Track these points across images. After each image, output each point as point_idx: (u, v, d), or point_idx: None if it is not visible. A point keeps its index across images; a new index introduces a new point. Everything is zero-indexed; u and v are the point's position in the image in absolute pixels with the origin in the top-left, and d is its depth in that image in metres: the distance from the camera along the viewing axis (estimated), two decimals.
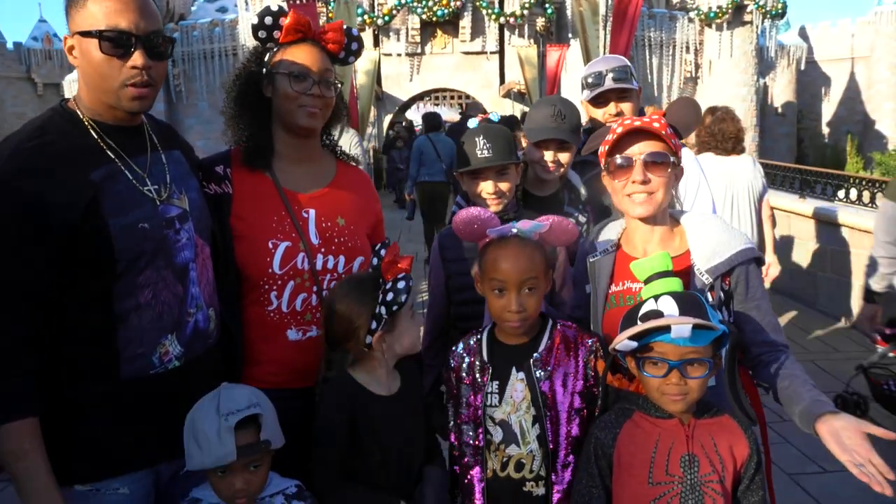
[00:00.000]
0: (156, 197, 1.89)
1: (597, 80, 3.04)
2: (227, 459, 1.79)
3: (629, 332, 1.80)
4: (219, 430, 1.78)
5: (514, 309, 2.00)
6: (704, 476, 1.83)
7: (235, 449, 1.79)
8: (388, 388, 2.09)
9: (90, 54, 1.77)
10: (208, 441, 1.79)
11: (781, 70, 35.61)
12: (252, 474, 1.86)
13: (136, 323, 1.84)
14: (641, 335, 1.80)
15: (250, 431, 1.83)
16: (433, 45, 25.01)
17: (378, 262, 2.07)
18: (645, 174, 2.00)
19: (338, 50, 2.21)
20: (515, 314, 2.01)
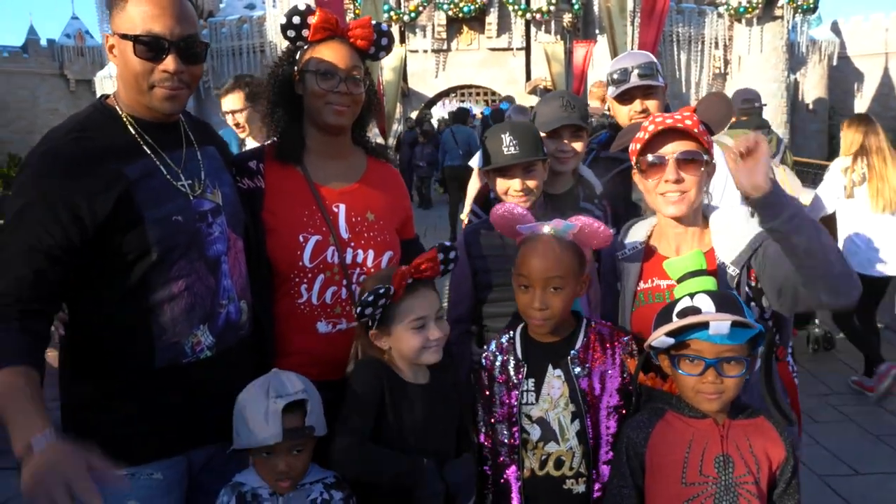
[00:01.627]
0: (189, 191, 1.93)
1: (622, 77, 3.02)
2: (273, 440, 1.87)
3: (666, 328, 1.79)
4: (267, 412, 1.86)
5: (537, 306, 2.00)
6: (739, 477, 1.80)
7: (282, 431, 1.86)
8: (416, 380, 2.10)
9: (126, 55, 1.82)
10: (257, 422, 1.87)
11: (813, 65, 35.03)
12: (295, 458, 1.93)
13: (169, 313, 1.89)
14: (677, 332, 1.78)
15: (296, 416, 1.90)
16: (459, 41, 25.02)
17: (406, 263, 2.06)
18: (678, 173, 1.98)
19: (367, 46, 2.22)
20: (538, 311, 2.01)
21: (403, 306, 2.01)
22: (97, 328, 1.86)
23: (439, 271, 2.07)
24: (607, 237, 2.10)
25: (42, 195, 1.75)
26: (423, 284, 2.05)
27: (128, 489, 1.87)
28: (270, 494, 1.95)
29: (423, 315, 2.01)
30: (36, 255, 1.74)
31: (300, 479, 1.97)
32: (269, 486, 1.95)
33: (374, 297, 1.96)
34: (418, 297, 2.02)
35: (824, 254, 1.77)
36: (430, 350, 2.03)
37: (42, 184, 1.76)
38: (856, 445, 4.58)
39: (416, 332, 2.01)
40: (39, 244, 1.74)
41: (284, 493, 1.95)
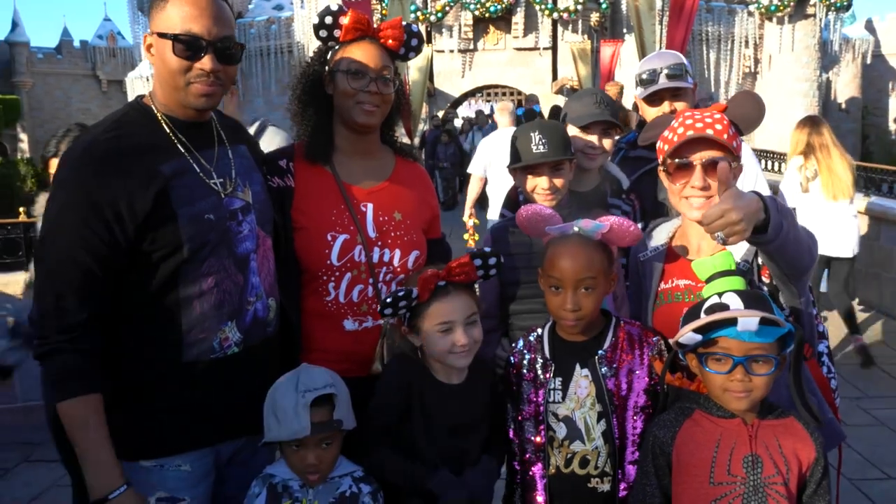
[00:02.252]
0: (221, 190, 1.97)
1: (651, 77, 3.00)
2: (302, 434, 1.90)
3: (694, 325, 1.77)
4: (296, 406, 1.90)
5: (570, 307, 2.00)
6: (768, 478, 1.79)
7: (310, 424, 1.89)
8: (448, 380, 2.11)
9: (164, 54, 1.87)
10: (286, 415, 1.90)
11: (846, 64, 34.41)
12: (324, 451, 1.96)
13: (198, 309, 1.92)
14: (706, 329, 1.77)
15: (325, 410, 1.93)
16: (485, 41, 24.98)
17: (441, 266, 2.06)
18: (705, 180, 1.97)
19: (397, 46, 2.24)
20: (571, 312, 2.01)
21: (431, 308, 2.02)
22: (127, 322, 1.90)
23: (475, 277, 2.07)
24: (637, 236, 2.10)
25: (85, 194, 1.79)
26: (456, 288, 2.04)
27: (156, 480, 1.93)
28: (301, 486, 1.99)
29: (450, 320, 2.01)
30: (83, 256, 1.79)
31: (329, 472, 2.00)
32: (300, 478, 1.99)
33: (394, 298, 1.98)
34: (446, 302, 2.02)
35: (800, 258, 1.93)
36: (457, 355, 2.03)
37: (83, 182, 1.80)
38: (888, 449, 4.50)
39: (442, 336, 2.01)
40: (86, 243, 1.78)
41: (314, 485, 1.98)
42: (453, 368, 2.09)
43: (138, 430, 1.91)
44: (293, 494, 1.98)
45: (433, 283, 2.00)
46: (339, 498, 1.99)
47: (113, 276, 1.83)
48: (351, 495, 2.00)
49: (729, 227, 1.71)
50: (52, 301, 1.79)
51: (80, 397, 1.79)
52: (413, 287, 2.00)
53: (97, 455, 1.80)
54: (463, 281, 2.05)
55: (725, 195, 1.75)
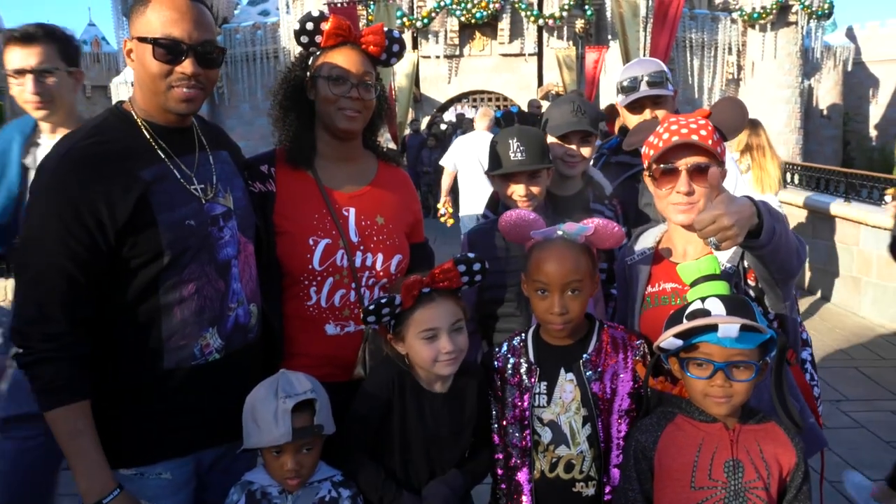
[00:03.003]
0: (202, 195, 1.96)
1: (632, 85, 3.02)
2: (283, 439, 1.89)
3: (675, 330, 1.78)
4: (276, 412, 1.89)
5: (557, 311, 2.00)
6: (749, 482, 1.80)
7: (291, 430, 1.88)
8: (430, 387, 2.10)
9: (144, 59, 1.86)
10: (266, 421, 1.89)
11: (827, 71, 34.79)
12: (304, 457, 1.95)
13: (179, 315, 1.91)
14: (687, 334, 1.78)
15: (305, 415, 1.93)
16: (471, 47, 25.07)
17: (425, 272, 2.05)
18: (690, 185, 1.99)
19: (379, 52, 2.25)
20: (558, 316, 2.01)
21: (415, 316, 2.00)
22: (107, 329, 1.88)
23: (459, 283, 2.05)
24: (621, 237, 2.11)
25: (66, 200, 1.77)
26: (441, 295, 2.02)
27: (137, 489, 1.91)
28: (280, 492, 1.97)
29: (434, 327, 1.99)
30: (66, 263, 1.77)
31: (309, 477, 1.99)
32: (279, 485, 1.98)
33: (377, 305, 1.97)
34: (430, 308, 2.00)
35: (790, 261, 1.94)
36: (442, 362, 2.01)
37: (64, 189, 1.78)
38: (867, 452, 4.55)
39: (426, 343, 2.00)
40: (68, 250, 1.77)
41: (294, 490, 1.97)
42: (437, 377, 2.08)
43: (118, 438, 1.89)
44: (272, 501, 1.97)
45: (417, 290, 1.99)
46: (319, 503, 1.98)
47: (95, 282, 1.82)
48: (330, 500, 2.00)
49: (721, 233, 1.71)
50: (35, 309, 1.77)
51: (69, 405, 1.78)
52: (396, 294, 1.99)
53: (89, 461, 1.80)
54: (447, 287, 2.03)
55: (717, 200, 1.76)
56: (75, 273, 1.78)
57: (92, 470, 1.80)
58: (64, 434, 1.79)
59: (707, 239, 1.75)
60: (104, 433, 1.84)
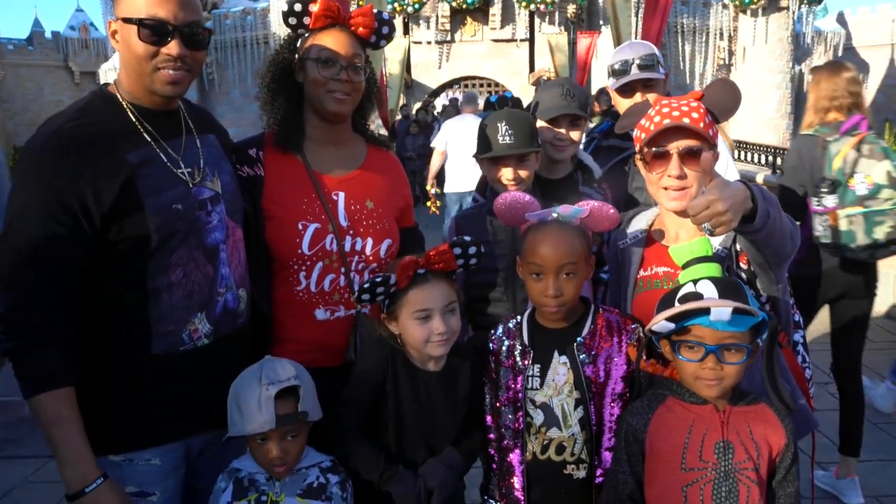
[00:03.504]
0: (189, 179, 1.94)
1: (623, 68, 3.00)
2: (267, 427, 1.88)
3: (667, 313, 1.78)
4: (259, 399, 1.87)
5: (552, 293, 2.00)
6: (739, 463, 1.80)
7: (275, 417, 1.87)
8: (424, 367, 2.10)
9: (129, 40, 1.83)
10: (250, 408, 1.88)
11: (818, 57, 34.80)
12: (289, 444, 1.94)
13: (167, 300, 1.89)
14: (679, 317, 1.78)
15: (290, 402, 1.91)
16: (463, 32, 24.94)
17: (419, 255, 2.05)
18: (681, 168, 1.98)
19: (368, 34, 2.23)
20: (553, 299, 2.01)
21: (409, 296, 2.00)
22: (94, 315, 1.86)
23: (454, 265, 2.05)
24: (615, 220, 2.11)
25: (50, 185, 1.75)
26: (435, 276, 2.03)
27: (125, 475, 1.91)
28: (267, 479, 1.97)
29: (427, 308, 2.00)
30: (51, 248, 1.75)
31: (295, 464, 1.98)
32: (266, 471, 1.97)
33: (372, 284, 1.97)
34: (425, 289, 2.00)
35: (783, 245, 1.96)
36: (434, 343, 2.01)
37: (48, 173, 1.76)
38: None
39: (419, 324, 2.00)
40: (53, 236, 1.75)
41: (280, 478, 1.97)
42: (430, 356, 2.08)
43: (106, 424, 1.88)
44: (259, 488, 1.96)
45: (412, 270, 1.99)
46: (307, 489, 1.97)
47: (80, 267, 1.80)
48: (318, 486, 1.99)
49: (715, 219, 1.71)
50: (20, 295, 1.75)
51: (53, 391, 1.76)
52: (392, 273, 1.99)
53: (72, 448, 1.78)
54: (442, 269, 2.03)
55: (711, 185, 1.75)
56: (60, 258, 1.76)
57: (75, 458, 1.78)
58: (47, 421, 1.77)
59: (701, 225, 1.75)
60: (92, 419, 1.82)
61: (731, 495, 1.79)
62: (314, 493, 1.98)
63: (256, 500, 1.94)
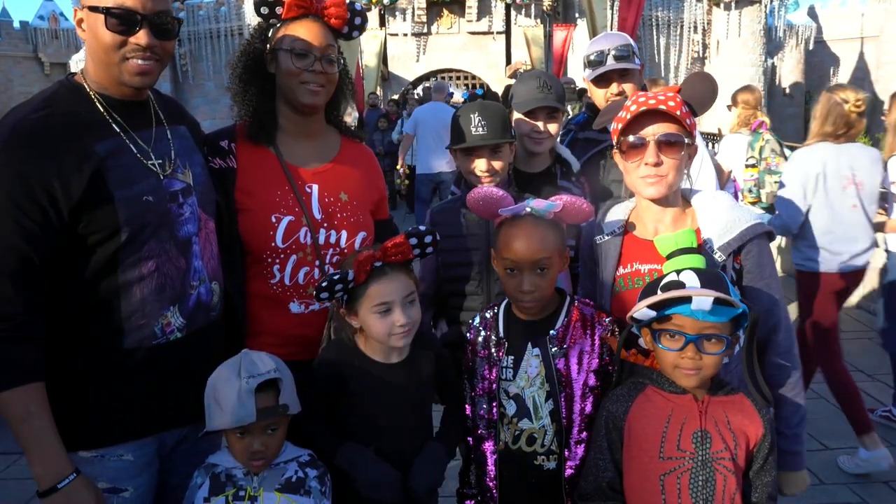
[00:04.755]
0: (160, 171, 1.91)
1: (598, 59, 3.00)
2: (247, 420, 1.85)
3: (649, 301, 1.78)
4: (239, 392, 1.84)
5: (526, 289, 2.00)
6: (716, 453, 1.81)
7: (255, 411, 1.84)
8: (387, 359, 2.10)
9: (96, 29, 1.79)
10: (229, 402, 1.85)
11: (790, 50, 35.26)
12: (269, 437, 1.92)
13: (138, 294, 1.86)
14: (660, 305, 1.78)
15: (270, 395, 1.89)
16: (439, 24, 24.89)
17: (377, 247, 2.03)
18: (658, 156, 1.97)
19: (341, 25, 2.20)
20: (527, 294, 2.01)
21: (368, 290, 1.98)
22: (64, 309, 1.83)
23: (411, 255, 2.03)
24: (589, 213, 2.10)
25: (16, 177, 1.71)
26: (393, 268, 2.01)
27: (97, 471, 1.88)
28: (245, 474, 1.94)
29: (388, 300, 1.98)
30: (19, 242, 1.71)
31: (275, 457, 1.96)
32: (244, 466, 1.95)
33: (330, 282, 1.94)
34: (383, 282, 1.98)
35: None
36: (396, 335, 2.00)
37: (13, 165, 1.71)
38: (826, 422, 4.67)
39: (380, 317, 1.99)
40: (21, 229, 1.71)
41: (259, 472, 1.94)
42: (393, 348, 2.07)
43: (77, 420, 1.85)
44: (237, 483, 1.93)
45: (369, 265, 1.97)
46: (285, 483, 1.95)
47: (49, 261, 1.77)
48: (297, 480, 1.97)
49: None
50: None
51: (22, 387, 1.73)
52: (349, 269, 1.97)
53: (42, 444, 1.74)
54: (399, 261, 2.02)
55: None
56: (28, 252, 1.72)
57: (46, 454, 1.75)
58: (16, 418, 1.73)
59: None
60: (63, 414, 1.79)
61: (708, 484, 1.80)
62: (293, 487, 1.96)
63: (234, 496, 1.92)
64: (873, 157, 4.35)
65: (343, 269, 1.97)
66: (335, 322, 2.17)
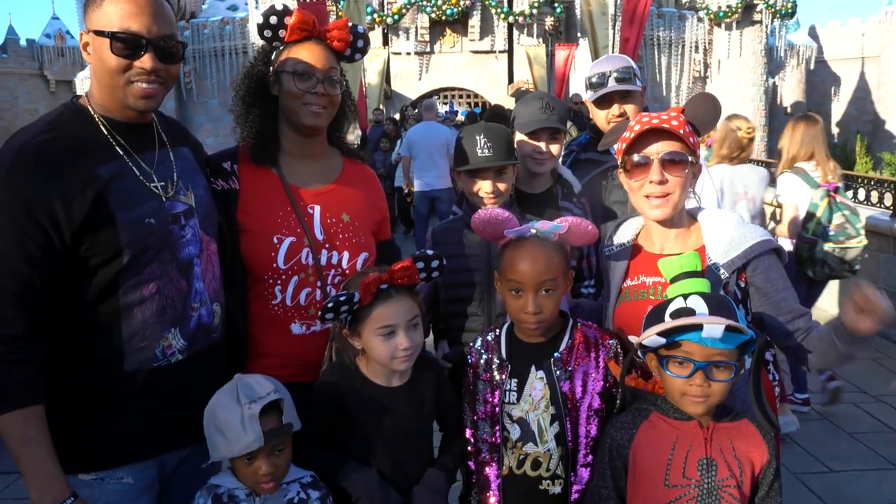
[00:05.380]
0: (162, 193, 1.91)
1: (600, 81, 3.02)
2: (255, 446, 1.83)
3: (659, 328, 1.76)
4: (243, 419, 1.83)
5: (532, 310, 1.99)
6: (722, 481, 1.79)
7: (262, 434, 1.83)
8: (388, 382, 2.09)
9: (102, 53, 1.80)
10: (233, 430, 1.83)
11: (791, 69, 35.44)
12: (277, 458, 1.91)
13: (140, 316, 1.86)
14: (669, 332, 1.76)
15: (273, 417, 1.88)
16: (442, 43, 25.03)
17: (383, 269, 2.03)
18: (662, 174, 1.98)
19: (343, 48, 2.22)
20: (532, 315, 2.00)
21: (373, 312, 1.98)
22: (65, 331, 1.82)
23: (417, 279, 2.04)
24: (594, 235, 2.10)
25: (20, 199, 1.71)
26: (398, 291, 2.01)
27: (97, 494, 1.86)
28: (248, 495, 1.92)
29: (392, 323, 1.98)
30: (20, 264, 1.71)
31: (284, 476, 1.95)
32: (248, 487, 1.93)
33: (335, 303, 1.94)
34: (388, 305, 1.98)
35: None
36: (399, 358, 2.00)
37: (17, 185, 1.72)
38: (829, 443, 4.64)
39: (384, 339, 1.98)
40: (23, 251, 1.71)
41: (270, 493, 1.92)
42: (394, 371, 2.06)
43: (77, 443, 1.84)
44: (240, 503, 1.92)
45: (375, 287, 1.97)
46: None
47: (50, 283, 1.76)
48: (299, 501, 1.95)
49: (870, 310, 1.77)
50: None
51: (21, 410, 1.72)
52: (355, 291, 1.97)
53: (41, 468, 1.73)
54: (405, 284, 2.02)
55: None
56: (30, 274, 1.72)
57: (45, 477, 1.74)
58: (14, 440, 1.72)
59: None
60: (63, 437, 1.78)
61: None
62: None
63: None
64: (762, 175, 5.21)
65: (349, 291, 1.97)
66: (337, 343, 2.17)
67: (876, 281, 6.99)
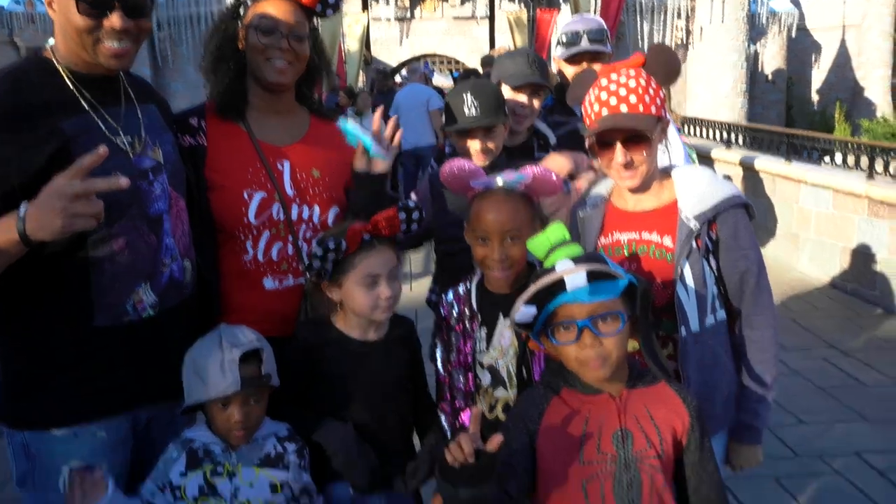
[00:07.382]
0: (129, 149, 1.89)
1: (572, 40, 3.12)
2: (231, 389, 1.84)
3: (523, 297, 1.68)
4: (223, 363, 1.84)
5: (497, 257, 2.03)
6: (640, 451, 1.70)
7: (240, 379, 1.84)
8: (364, 335, 2.11)
9: (68, 12, 1.76)
10: (212, 373, 1.84)
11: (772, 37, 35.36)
12: (252, 408, 1.92)
13: (109, 271, 1.86)
14: (541, 302, 1.68)
15: (252, 366, 1.89)
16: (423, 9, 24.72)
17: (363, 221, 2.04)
18: (626, 156, 2.00)
19: (313, 3, 2.19)
20: (498, 262, 2.04)
21: (356, 262, 2.00)
22: (35, 286, 1.82)
23: (399, 230, 2.06)
24: (558, 185, 2.12)
25: None
26: (381, 241, 2.04)
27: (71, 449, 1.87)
28: (223, 450, 1.92)
29: (376, 273, 2.01)
30: None
31: (256, 428, 1.95)
32: (223, 440, 1.92)
33: (324, 251, 1.96)
34: (372, 254, 2.01)
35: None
36: (380, 308, 2.03)
37: None
38: (802, 397, 4.78)
39: (366, 289, 2.01)
40: None
41: (239, 443, 1.92)
42: (373, 323, 2.09)
43: (50, 399, 1.85)
44: (215, 459, 1.90)
45: (360, 236, 1.99)
46: (264, 459, 1.94)
47: None
48: (276, 455, 1.96)
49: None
50: None
51: None
52: (342, 238, 1.98)
53: None
54: (388, 234, 2.04)
55: None
56: None
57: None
58: None
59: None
60: (36, 391, 1.80)
61: (633, 486, 1.69)
62: (272, 462, 1.95)
63: (212, 471, 1.89)
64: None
65: (332, 240, 1.97)
66: (312, 299, 2.18)
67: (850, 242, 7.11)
